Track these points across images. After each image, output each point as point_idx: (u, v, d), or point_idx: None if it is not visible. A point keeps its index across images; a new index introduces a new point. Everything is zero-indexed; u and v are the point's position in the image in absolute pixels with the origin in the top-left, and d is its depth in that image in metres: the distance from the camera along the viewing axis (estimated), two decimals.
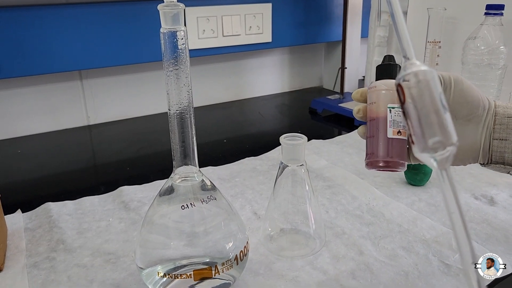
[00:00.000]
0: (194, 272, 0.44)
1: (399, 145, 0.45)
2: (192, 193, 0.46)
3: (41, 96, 0.99)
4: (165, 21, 0.41)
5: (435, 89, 0.28)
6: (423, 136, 0.28)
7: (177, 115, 0.44)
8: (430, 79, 0.28)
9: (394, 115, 0.45)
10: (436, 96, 0.28)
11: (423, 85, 0.28)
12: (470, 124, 0.45)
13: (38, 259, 0.54)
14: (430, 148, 0.28)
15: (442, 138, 0.28)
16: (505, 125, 0.44)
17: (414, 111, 0.29)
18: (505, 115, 0.44)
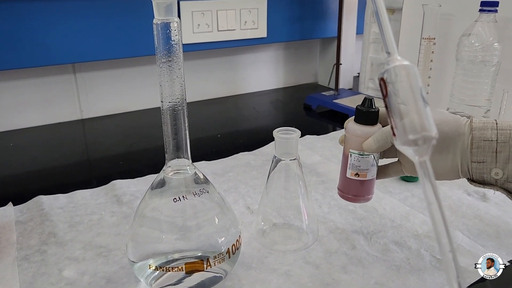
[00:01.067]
0: (186, 265, 0.44)
1: (356, 185, 0.52)
2: (184, 186, 0.45)
3: (34, 89, 0.98)
4: (158, 12, 0.40)
5: (416, 84, 0.29)
6: (403, 130, 0.29)
7: (169, 107, 0.44)
8: (411, 74, 0.29)
9: (353, 160, 0.51)
10: (416, 90, 0.29)
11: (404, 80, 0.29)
12: (447, 148, 0.47)
13: (29, 252, 0.53)
14: (411, 141, 0.28)
15: (422, 132, 0.28)
16: (481, 148, 0.46)
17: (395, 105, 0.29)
18: (482, 138, 0.46)
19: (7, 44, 0.87)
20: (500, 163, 0.46)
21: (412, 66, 0.29)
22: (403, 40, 1.01)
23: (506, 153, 0.45)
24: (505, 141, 0.45)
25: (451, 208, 0.63)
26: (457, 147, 0.47)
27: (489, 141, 0.45)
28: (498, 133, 0.45)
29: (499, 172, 0.46)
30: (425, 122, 0.29)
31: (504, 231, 0.58)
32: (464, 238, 0.56)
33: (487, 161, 0.46)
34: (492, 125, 0.46)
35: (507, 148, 0.45)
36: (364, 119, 0.50)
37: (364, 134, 0.50)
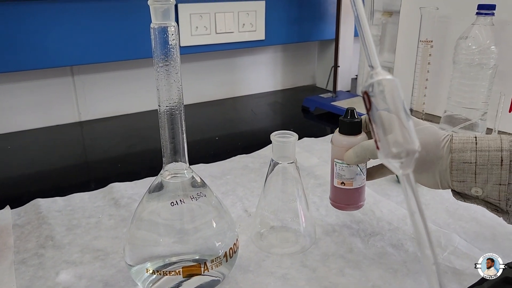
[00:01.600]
0: (183, 269, 0.44)
1: (343, 193, 0.55)
2: (181, 189, 0.46)
3: (32, 91, 0.98)
4: (156, 17, 0.40)
5: (398, 98, 0.30)
6: (386, 143, 0.29)
7: (167, 111, 0.44)
8: (393, 88, 0.30)
9: (338, 169, 0.54)
10: (399, 104, 0.29)
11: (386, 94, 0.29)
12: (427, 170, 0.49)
13: (26, 256, 0.53)
14: (394, 154, 0.29)
15: (405, 145, 0.29)
16: (461, 170, 0.47)
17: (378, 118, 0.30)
18: (461, 160, 0.47)
19: (5, 47, 0.87)
20: (479, 183, 0.47)
21: (394, 80, 0.30)
22: (401, 43, 1.02)
23: (485, 175, 0.46)
24: (483, 163, 0.46)
25: (448, 210, 0.63)
26: (436, 169, 0.48)
27: (468, 163, 0.46)
28: (477, 155, 0.46)
29: (479, 190, 0.47)
30: (407, 135, 0.29)
31: (501, 234, 0.58)
32: (461, 240, 0.56)
33: (467, 180, 0.47)
34: (472, 145, 0.47)
35: (485, 171, 0.46)
36: (347, 129, 0.53)
37: (348, 144, 0.53)
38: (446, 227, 0.59)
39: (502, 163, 0.45)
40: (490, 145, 0.46)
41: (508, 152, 0.45)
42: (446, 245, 0.55)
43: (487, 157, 0.46)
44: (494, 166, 0.45)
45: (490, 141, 0.46)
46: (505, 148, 0.45)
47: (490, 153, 0.46)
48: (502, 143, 0.46)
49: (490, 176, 0.46)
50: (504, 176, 0.45)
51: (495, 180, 0.46)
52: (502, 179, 0.45)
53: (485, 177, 0.46)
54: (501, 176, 0.45)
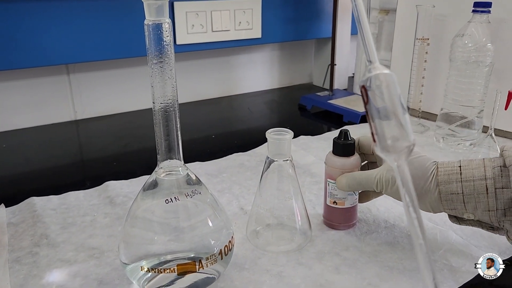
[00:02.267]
0: (178, 267, 0.44)
1: (335, 212, 0.57)
2: (176, 187, 0.45)
3: (28, 90, 0.98)
4: (149, 13, 0.40)
5: (395, 92, 0.30)
6: (383, 136, 0.30)
7: (161, 108, 0.44)
8: (390, 82, 0.30)
9: (331, 189, 0.56)
10: (396, 98, 0.30)
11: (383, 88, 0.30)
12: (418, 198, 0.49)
13: (20, 254, 0.53)
14: (390, 147, 0.30)
15: (401, 138, 0.29)
16: (450, 200, 0.48)
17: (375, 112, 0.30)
18: (448, 192, 0.48)
19: (0, 45, 0.87)
20: (470, 210, 0.48)
21: (391, 74, 0.31)
22: (397, 40, 1.02)
23: (473, 203, 0.47)
24: (470, 193, 0.47)
25: None
26: (426, 200, 0.50)
27: (455, 194, 0.48)
28: (463, 186, 0.47)
29: (471, 215, 0.49)
30: (403, 129, 0.30)
31: None
32: (457, 238, 0.56)
33: (457, 208, 0.49)
34: (457, 176, 0.48)
35: (473, 199, 0.47)
36: (341, 151, 0.55)
37: (341, 165, 0.55)
38: (442, 225, 0.59)
39: (487, 191, 0.47)
40: (474, 174, 0.47)
41: (492, 180, 0.46)
42: (443, 242, 0.55)
43: (473, 187, 0.47)
44: (481, 195, 0.47)
45: (474, 170, 0.48)
46: (489, 176, 0.47)
47: (475, 183, 0.47)
48: (485, 171, 0.47)
49: (478, 204, 0.47)
50: (492, 203, 0.47)
51: (484, 207, 0.47)
52: (490, 206, 0.47)
53: (474, 205, 0.47)
54: (488, 203, 0.47)
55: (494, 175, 0.47)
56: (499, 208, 0.47)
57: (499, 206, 0.47)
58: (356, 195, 0.57)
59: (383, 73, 0.30)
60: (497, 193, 0.46)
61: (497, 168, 0.47)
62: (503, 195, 0.46)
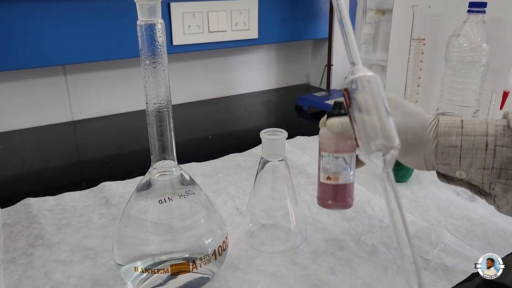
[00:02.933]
0: (171, 267, 0.44)
1: (330, 189, 0.51)
2: (170, 187, 0.45)
3: (25, 91, 0.98)
4: (142, 13, 0.40)
5: (379, 94, 0.29)
6: (367, 140, 0.29)
7: (154, 109, 0.44)
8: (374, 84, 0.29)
9: (324, 163, 0.51)
10: (379, 101, 0.29)
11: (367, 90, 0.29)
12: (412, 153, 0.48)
13: (15, 255, 0.53)
14: (373, 151, 0.29)
15: (385, 142, 0.28)
16: (446, 153, 0.46)
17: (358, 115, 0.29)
18: (446, 144, 0.46)
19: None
20: (464, 167, 0.46)
21: (375, 77, 0.30)
22: (394, 41, 1.02)
23: (470, 160, 0.46)
24: (468, 148, 0.46)
25: (439, 207, 0.63)
26: (421, 152, 0.48)
27: (453, 147, 0.46)
28: (462, 139, 0.46)
29: (463, 173, 0.47)
30: (387, 132, 0.29)
31: (492, 231, 0.58)
32: (452, 237, 0.56)
33: (451, 164, 0.47)
34: (457, 129, 0.46)
35: (470, 155, 0.46)
36: None
37: (336, 136, 0.49)
38: (437, 224, 0.59)
39: (487, 148, 0.45)
40: (476, 129, 0.46)
41: (494, 137, 0.45)
42: (437, 242, 0.55)
43: (472, 142, 0.45)
44: (479, 150, 0.45)
45: (476, 125, 0.46)
46: (491, 133, 0.45)
47: (476, 138, 0.45)
48: (488, 128, 0.45)
49: (475, 160, 0.46)
50: (489, 160, 0.45)
51: (479, 164, 0.46)
52: (486, 164, 0.45)
53: (469, 161, 0.46)
54: (485, 160, 0.45)
55: (496, 133, 0.45)
56: (494, 167, 0.45)
57: (495, 165, 0.45)
58: (351, 171, 0.52)
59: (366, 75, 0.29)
60: (496, 151, 0.45)
61: (500, 126, 0.45)
62: (502, 153, 0.45)
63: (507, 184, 0.45)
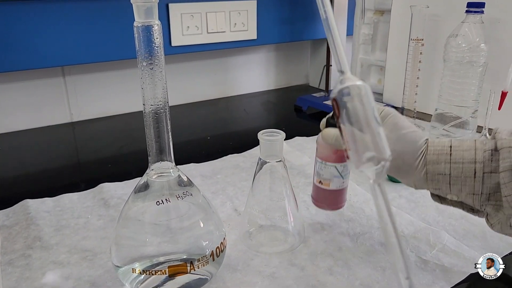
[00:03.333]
0: (169, 269, 0.44)
1: (321, 192, 0.55)
2: (167, 189, 0.45)
3: (24, 92, 0.98)
4: (138, 15, 0.40)
5: (368, 104, 0.28)
6: (356, 151, 0.28)
7: (152, 110, 0.44)
8: (363, 94, 0.28)
9: (317, 167, 0.54)
10: (370, 111, 0.28)
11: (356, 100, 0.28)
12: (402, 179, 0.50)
13: (13, 257, 0.53)
14: (364, 163, 0.28)
15: (376, 153, 0.28)
16: (436, 180, 0.47)
17: (348, 127, 0.28)
18: (436, 172, 0.47)
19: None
20: (454, 192, 0.47)
21: (365, 86, 0.28)
22: (392, 41, 1.02)
23: (459, 186, 0.46)
24: (457, 176, 0.46)
25: (437, 208, 0.63)
26: (411, 177, 0.48)
27: (442, 175, 0.46)
28: (451, 167, 0.46)
29: (454, 197, 0.48)
30: (378, 144, 0.28)
31: (490, 231, 0.57)
32: (450, 238, 0.56)
33: (442, 188, 0.47)
34: (446, 157, 0.46)
35: (459, 182, 0.46)
36: None
37: (330, 146, 0.52)
38: (435, 225, 0.59)
39: (475, 175, 0.45)
40: (464, 156, 0.46)
41: (482, 164, 0.45)
42: (435, 242, 0.55)
43: (461, 169, 0.46)
44: (468, 178, 0.46)
45: (464, 152, 0.46)
46: (479, 160, 0.45)
47: (464, 165, 0.46)
48: (476, 154, 0.46)
49: (464, 186, 0.46)
50: (478, 187, 0.46)
51: (469, 190, 0.46)
52: (476, 190, 0.46)
53: (459, 187, 0.46)
54: (474, 187, 0.46)
55: (484, 159, 0.45)
56: (484, 192, 0.46)
57: (484, 191, 0.46)
58: (342, 179, 0.54)
59: (356, 84, 0.28)
60: (485, 178, 0.45)
61: (488, 152, 0.45)
62: (490, 179, 0.45)
63: (498, 204, 0.46)
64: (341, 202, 0.57)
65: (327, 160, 0.53)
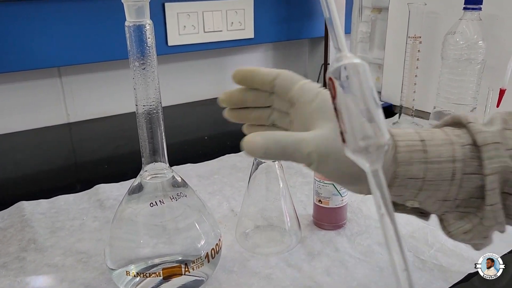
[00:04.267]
0: (163, 271, 0.43)
1: (321, 211, 0.58)
2: (161, 190, 0.45)
3: (20, 93, 0.97)
4: (129, 14, 0.40)
5: (367, 84, 0.26)
6: (353, 135, 0.26)
7: (144, 111, 0.43)
8: (361, 73, 0.26)
9: (316, 186, 0.57)
10: (368, 91, 0.26)
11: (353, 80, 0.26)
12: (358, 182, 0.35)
13: (7, 259, 0.52)
14: (361, 147, 0.26)
15: (374, 137, 0.26)
16: (404, 186, 0.37)
17: (344, 108, 0.26)
18: (406, 176, 0.36)
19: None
20: (420, 198, 0.37)
21: (363, 64, 0.26)
22: (390, 39, 1.01)
23: (430, 192, 0.37)
24: (432, 179, 0.36)
25: None
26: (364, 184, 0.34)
27: (414, 179, 0.36)
28: (427, 169, 0.36)
29: (415, 203, 0.38)
30: (376, 126, 0.26)
31: None
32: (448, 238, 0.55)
33: (405, 195, 0.37)
34: (420, 155, 0.36)
35: (432, 187, 0.36)
36: None
37: None
38: (433, 224, 0.58)
39: (453, 177, 0.36)
40: (442, 153, 0.36)
41: (462, 164, 0.36)
42: (433, 242, 0.55)
43: (438, 171, 0.36)
44: (444, 181, 0.36)
45: (440, 148, 0.36)
46: (458, 158, 0.36)
47: (442, 165, 0.36)
48: (454, 150, 0.36)
49: (436, 192, 0.37)
50: (453, 192, 0.37)
51: (441, 196, 0.37)
52: (449, 196, 0.37)
53: (429, 193, 0.37)
54: (449, 192, 0.37)
55: (465, 156, 0.36)
56: (458, 198, 0.37)
57: (459, 196, 0.37)
58: (341, 196, 0.56)
59: (353, 62, 0.26)
60: (464, 180, 0.36)
61: (467, 147, 0.36)
62: (470, 182, 0.36)
63: (465, 211, 0.38)
64: (342, 220, 0.58)
65: (324, 178, 0.55)
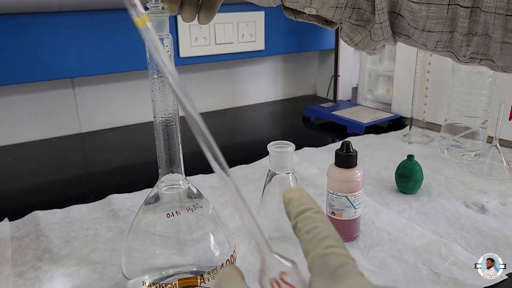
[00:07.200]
0: (179, 281, 0.43)
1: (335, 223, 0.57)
2: (177, 201, 0.45)
3: (33, 104, 0.99)
4: None
5: None
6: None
7: (162, 122, 0.44)
8: None
9: (329, 199, 0.57)
10: None
11: None
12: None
13: (23, 269, 0.53)
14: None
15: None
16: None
17: None
18: None
19: (6, 59, 0.88)
20: (314, 4, 0.41)
21: None
22: (400, 51, 1.02)
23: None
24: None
25: (449, 220, 0.63)
26: None
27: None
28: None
29: (313, 10, 0.41)
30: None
31: (503, 244, 0.57)
32: (462, 250, 0.55)
33: (301, 1, 0.41)
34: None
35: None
36: (342, 162, 0.56)
37: (343, 176, 0.55)
38: (447, 237, 0.58)
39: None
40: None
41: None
42: (447, 255, 0.55)
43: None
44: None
45: None
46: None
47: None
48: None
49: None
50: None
51: (332, 3, 0.40)
52: (340, 2, 0.40)
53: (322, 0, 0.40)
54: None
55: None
56: (348, 6, 0.40)
57: (349, 4, 0.40)
58: (355, 208, 0.56)
59: None
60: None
61: None
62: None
63: (357, 24, 0.41)
64: (355, 232, 0.58)
65: (338, 190, 0.56)
